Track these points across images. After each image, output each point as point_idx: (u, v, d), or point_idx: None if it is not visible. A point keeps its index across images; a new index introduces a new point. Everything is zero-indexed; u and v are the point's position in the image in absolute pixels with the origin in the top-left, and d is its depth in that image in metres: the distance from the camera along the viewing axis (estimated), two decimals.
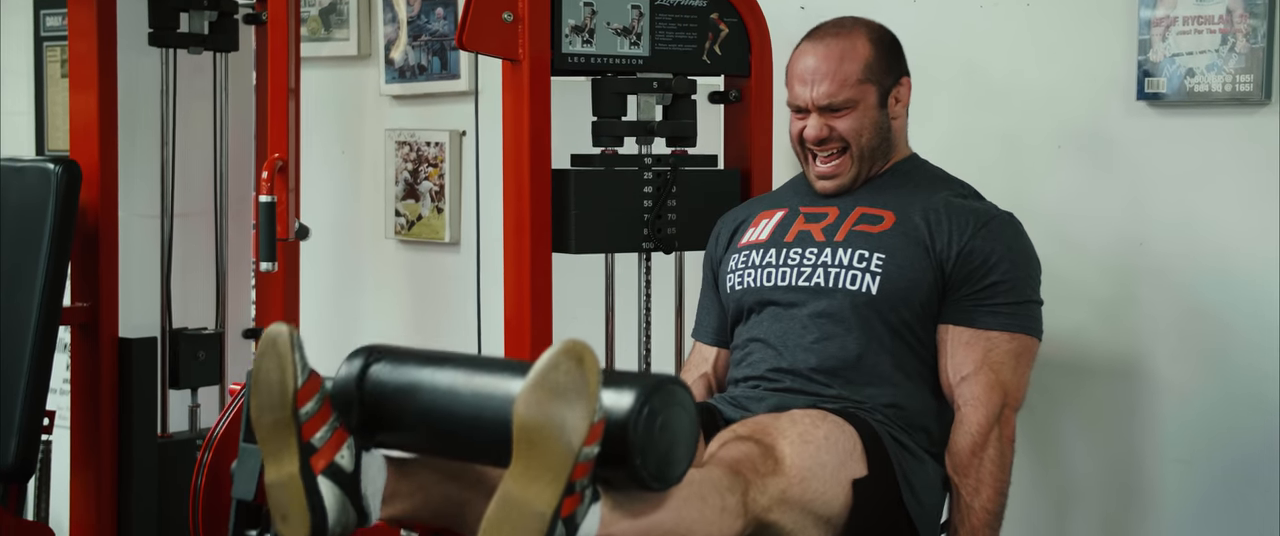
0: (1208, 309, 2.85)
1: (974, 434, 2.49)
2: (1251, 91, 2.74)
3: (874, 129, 2.64)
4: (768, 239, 2.68)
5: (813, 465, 2.35)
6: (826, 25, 2.70)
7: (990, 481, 2.49)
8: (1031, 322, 2.55)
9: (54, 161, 3.20)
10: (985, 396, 2.49)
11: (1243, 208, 2.80)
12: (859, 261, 2.56)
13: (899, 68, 2.69)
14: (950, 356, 2.53)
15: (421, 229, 3.86)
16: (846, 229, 2.61)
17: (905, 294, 2.53)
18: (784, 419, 2.41)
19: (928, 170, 2.73)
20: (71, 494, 3.39)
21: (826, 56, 2.63)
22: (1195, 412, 2.87)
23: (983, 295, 2.52)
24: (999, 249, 2.54)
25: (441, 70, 3.78)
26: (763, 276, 2.64)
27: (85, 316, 3.32)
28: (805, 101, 2.64)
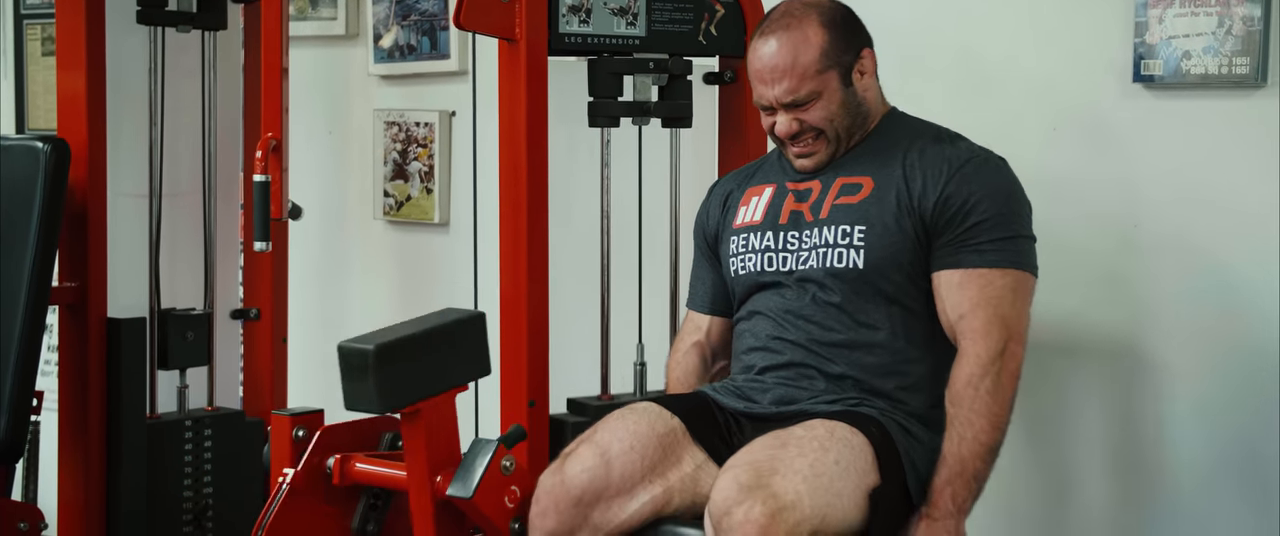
0: (1204, 290, 2.86)
1: (973, 366, 2.47)
2: (1248, 74, 2.75)
3: (844, 110, 2.62)
4: (762, 220, 2.67)
5: (829, 498, 2.35)
6: (775, 18, 2.63)
7: (985, 412, 2.46)
8: (1022, 257, 2.53)
9: (42, 140, 3.18)
10: (985, 329, 2.47)
11: (1239, 190, 2.81)
12: (842, 237, 2.56)
13: (857, 41, 2.64)
14: (946, 300, 2.52)
15: (411, 210, 3.85)
16: (829, 204, 2.60)
17: (891, 259, 2.53)
18: (792, 448, 2.38)
19: (907, 124, 2.70)
20: (60, 475, 3.37)
21: (780, 53, 2.58)
22: (1192, 392, 2.89)
23: (967, 236, 2.51)
24: (977, 189, 2.52)
25: (431, 50, 3.77)
26: (763, 261, 2.65)
27: (73, 296, 3.29)
28: (769, 100, 2.61)
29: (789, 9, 2.62)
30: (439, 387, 2.56)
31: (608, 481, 2.49)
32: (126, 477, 3.35)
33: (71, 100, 3.29)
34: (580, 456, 2.52)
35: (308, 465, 2.66)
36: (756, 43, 2.62)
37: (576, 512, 2.49)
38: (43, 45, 4.37)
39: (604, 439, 2.53)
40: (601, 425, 2.59)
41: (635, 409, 2.62)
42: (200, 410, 3.56)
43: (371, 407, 2.52)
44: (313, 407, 2.73)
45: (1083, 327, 2.99)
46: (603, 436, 2.54)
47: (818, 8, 2.61)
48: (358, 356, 2.47)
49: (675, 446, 2.56)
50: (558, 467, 2.53)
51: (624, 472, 2.50)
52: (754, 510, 2.28)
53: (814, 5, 2.62)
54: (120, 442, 3.34)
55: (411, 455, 2.56)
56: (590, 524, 2.50)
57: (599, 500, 2.49)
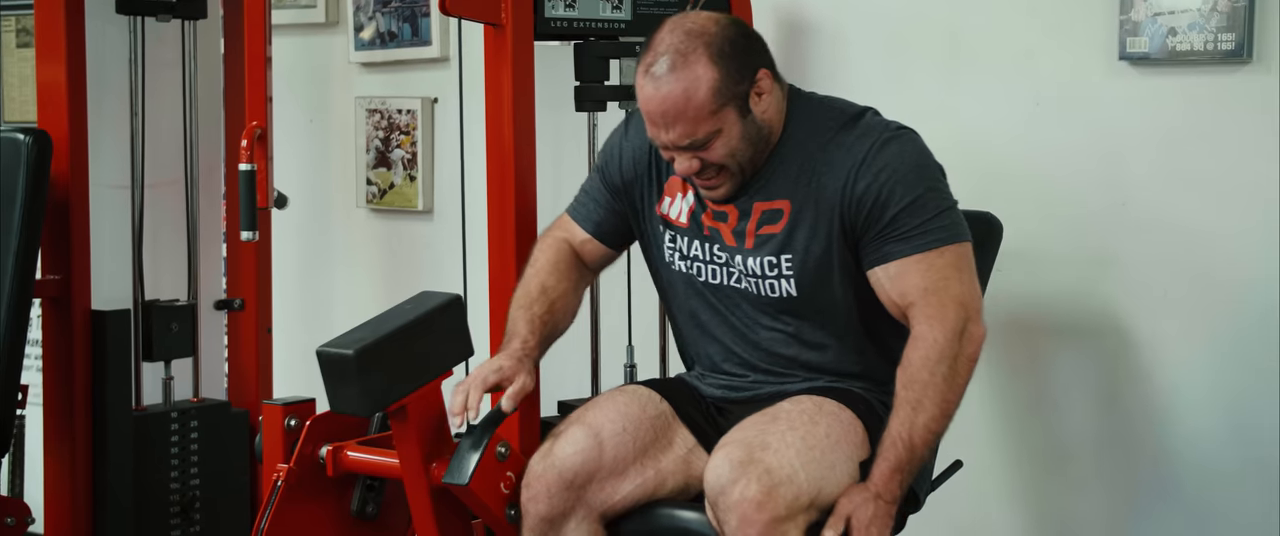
0: (1191, 267, 2.87)
1: (930, 349, 2.35)
2: (1233, 49, 2.75)
3: (745, 142, 2.42)
4: (687, 225, 2.55)
5: (823, 470, 2.34)
6: (660, 53, 2.38)
7: (939, 399, 2.35)
8: (952, 229, 2.40)
9: (23, 132, 3.16)
10: (940, 314, 2.36)
11: (1226, 166, 2.82)
12: (770, 268, 2.46)
13: (751, 64, 2.41)
14: (890, 292, 2.40)
15: (394, 197, 3.84)
16: (752, 234, 2.47)
17: (822, 282, 2.44)
18: (782, 422, 2.37)
19: (808, 119, 2.49)
20: (45, 469, 3.36)
21: (671, 97, 2.36)
22: (1181, 369, 2.90)
23: (890, 229, 2.38)
24: (886, 179, 2.38)
25: (412, 37, 3.75)
26: (695, 268, 2.55)
27: (57, 289, 3.28)
28: (665, 143, 2.42)
29: (675, 44, 2.38)
30: (423, 379, 2.54)
31: (600, 462, 2.47)
32: (113, 470, 3.34)
33: (52, 91, 3.28)
34: (571, 437, 2.49)
35: (301, 456, 2.64)
36: (643, 81, 2.39)
37: (568, 495, 2.47)
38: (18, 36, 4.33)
39: (596, 419, 2.51)
40: (591, 406, 2.57)
41: (624, 390, 2.60)
42: (186, 401, 3.56)
43: (358, 410, 2.51)
44: (303, 397, 2.71)
45: (1070, 306, 3.00)
46: (594, 417, 2.52)
47: (705, 39, 2.38)
48: (339, 361, 2.45)
49: (666, 428, 2.55)
50: (548, 450, 2.50)
51: (617, 454, 2.48)
52: (750, 488, 2.27)
53: (700, 35, 2.38)
54: (106, 435, 3.33)
55: (403, 447, 2.54)
56: (583, 504, 2.48)
57: (591, 480, 2.47)
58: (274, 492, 2.63)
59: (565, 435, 2.50)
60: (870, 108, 2.50)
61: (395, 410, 2.51)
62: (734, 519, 2.28)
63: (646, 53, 2.41)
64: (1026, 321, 3.03)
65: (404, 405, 2.50)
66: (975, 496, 3.02)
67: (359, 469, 2.66)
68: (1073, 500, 3.04)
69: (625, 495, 2.50)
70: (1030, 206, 2.96)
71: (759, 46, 2.46)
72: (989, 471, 3.09)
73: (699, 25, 2.40)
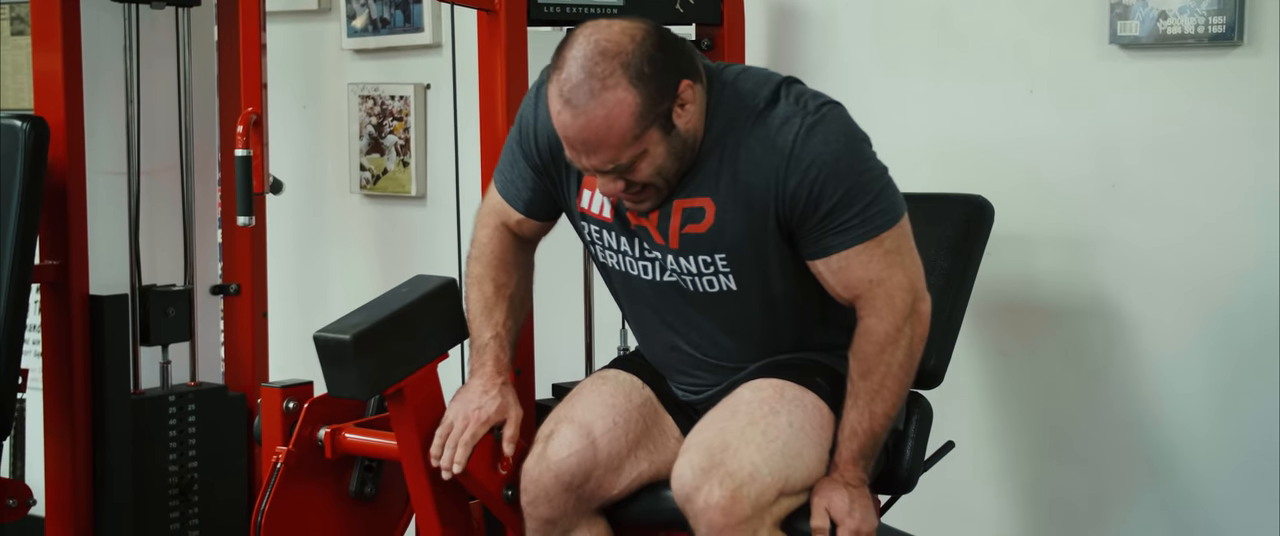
0: (1181, 249, 2.88)
1: (881, 336, 2.31)
2: (1223, 33, 2.76)
3: (671, 157, 2.28)
4: (612, 220, 2.42)
5: (787, 460, 2.32)
6: (573, 76, 2.20)
7: (896, 385, 2.34)
8: (889, 212, 2.30)
9: (20, 118, 3.14)
10: (888, 303, 2.30)
11: (1216, 149, 2.82)
12: (706, 267, 2.38)
13: (672, 81, 2.24)
14: (834, 283, 2.33)
15: (387, 183, 3.83)
16: (675, 232, 2.36)
17: (760, 272, 2.36)
18: (742, 417, 2.33)
19: (726, 111, 2.32)
20: (46, 452, 3.35)
21: (590, 128, 2.21)
22: (1171, 350, 2.91)
23: (827, 222, 2.28)
24: (815, 175, 2.25)
25: (405, 23, 3.74)
26: (627, 263, 2.46)
27: (55, 274, 3.27)
28: (586, 167, 2.28)
29: (588, 67, 2.19)
30: (420, 362, 2.54)
31: (595, 461, 2.44)
32: (112, 453, 3.33)
33: (48, 79, 3.26)
34: (563, 438, 2.45)
35: (299, 438, 2.65)
36: (558, 106, 2.22)
37: (567, 497, 2.45)
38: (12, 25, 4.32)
39: (585, 417, 2.47)
40: (578, 400, 2.52)
41: (607, 378, 2.56)
42: (183, 385, 3.54)
43: (356, 394, 2.52)
44: (301, 380, 2.71)
45: (1060, 288, 3.00)
46: (582, 414, 2.47)
47: (621, 60, 2.19)
48: (336, 346, 2.46)
49: (654, 415, 2.53)
50: (541, 454, 2.45)
51: (611, 450, 2.45)
52: (714, 493, 2.25)
53: (616, 55, 2.20)
54: (105, 419, 3.32)
55: (401, 430, 2.55)
56: (583, 502, 2.47)
57: (588, 479, 2.44)
58: (274, 474, 2.64)
59: (557, 436, 2.46)
60: (784, 81, 2.34)
61: (392, 393, 2.51)
62: (702, 525, 2.28)
63: (558, 69, 2.23)
64: (1017, 303, 3.03)
65: (401, 388, 2.51)
66: (965, 475, 3.04)
67: (357, 450, 2.67)
68: (1062, 480, 3.06)
69: (624, 487, 2.48)
70: (1021, 189, 2.96)
71: (679, 55, 2.27)
72: (979, 451, 3.10)
73: (615, 43, 2.21)
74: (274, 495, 2.63)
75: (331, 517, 2.72)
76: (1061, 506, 3.06)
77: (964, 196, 2.77)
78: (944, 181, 2.96)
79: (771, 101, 2.30)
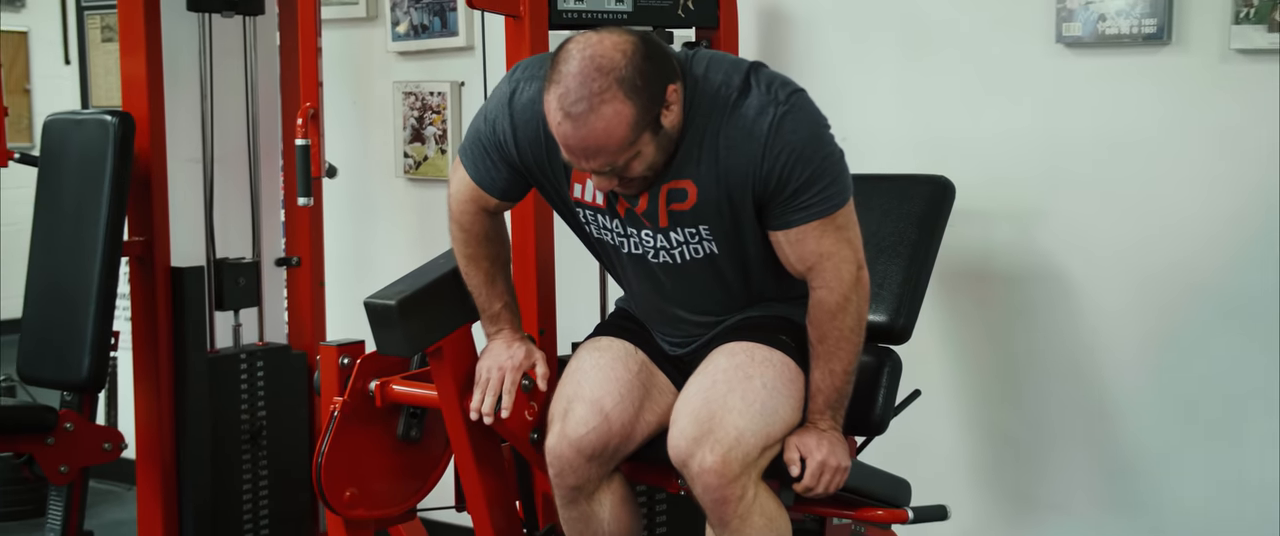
0: (1117, 221, 2.86)
1: (833, 307, 2.30)
2: (1155, 33, 2.75)
3: (661, 153, 2.23)
4: (604, 205, 2.37)
5: (766, 417, 2.30)
6: (573, 91, 2.13)
7: (848, 346, 2.32)
8: (841, 193, 2.28)
9: (110, 114, 3.18)
10: (836, 274, 2.28)
11: (1147, 134, 2.81)
12: (691, 237, 2.34)
13: (660, 90, 2.18)
14: (789, 253, 2.31)
15: (427, 168, 3.82)
16: (663, 211, 2.32)
17: (737, 239, 2.33)
18: (721, 385, 2.30)
19: (703, 105, 2.26)
20: (135, 403, 3.37)
21: (591, 137, 2.15)
22: (1108, 308, 2.90)
23: (791, 201, 2.25)
24: (786, 159, 2.22)
25: (442, 29, 3.72)
26: (619, 240, 2.41)
27: (141, 249, 3.30)
28: (584, 169, 2.23)
29: (585, 83, 2.13)
30: (456, 324, 2.53)
31: (610, 432, 2.40)
32: (191, 404, 3.34)
33: (134, 80, 3.27)
34: (580, 417, 2.40)
35: (353, 390, 2.66)
36: (559, 118, 2.15)
37: (589, 466, 2.41)
38: (102, 33, 4.31)
39: (595, 394, 2.41)
40: (584, 378, 2.45)
41: (603, 349, 2.50)
42: (252, 345, 3.55)
43: (401, 352, 2.52)
44: (353, 339, 2.70)
45: (1013, 255, 2.99)
46: (591, 391, 2.42)
47: (615, 75, 2.13)
48: (383, 310, 2.45)
49: (650, 376, 2.49)
50: (561, 431, 2.41)
51: (622, 420, 2.40)
52: (706, 459, 2.24)
53: (610, 71, 2.13)
54: (185, 374, 3.33)
55: (441, 383, 2.54)
56: (604, 466, 2.44)
57: (605, 448, 2.41)
58: (331, 421, 2.65)
59: (573, 414, 2.41)
60: (750, 67, 2.28)
61: (433, 350, 2.51)
62: (699, 486, 2.27)
63: (556, 83, 2.15)
64: (975, 269, 3.03)
65: (440, 346, 2.50)
66: (930, 419, 3.04)
67: (403, 400, 2.67)
68: (1011, 421, 3.05)
69: (635, 444, 2.45)
70: (979, 170, 2.96)
71: (662, 61, 2.20)
72: (941, 398, 3.10)
73: (608, 59, 2.13)
74: (332, 439, 2.64)
75: (381, 458, 2.72)
76: (1011, 444, 3.06)
77: (929, 177, 2.76)
78: (911, 164, 2.96)
79: (743, 90, 2.25)
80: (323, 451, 2.63)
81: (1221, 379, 2.77)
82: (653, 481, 2.58)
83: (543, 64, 2.28)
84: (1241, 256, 2.71)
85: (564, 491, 2.44)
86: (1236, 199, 2.71)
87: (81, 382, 3.09)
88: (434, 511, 2.95)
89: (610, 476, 2.45)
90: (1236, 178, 2.70)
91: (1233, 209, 2.72)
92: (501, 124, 2.37)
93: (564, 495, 2.45)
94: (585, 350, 2.52)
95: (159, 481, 3.33)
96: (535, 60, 2.39)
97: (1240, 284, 2.72)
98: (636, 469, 2.52)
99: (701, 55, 2.32)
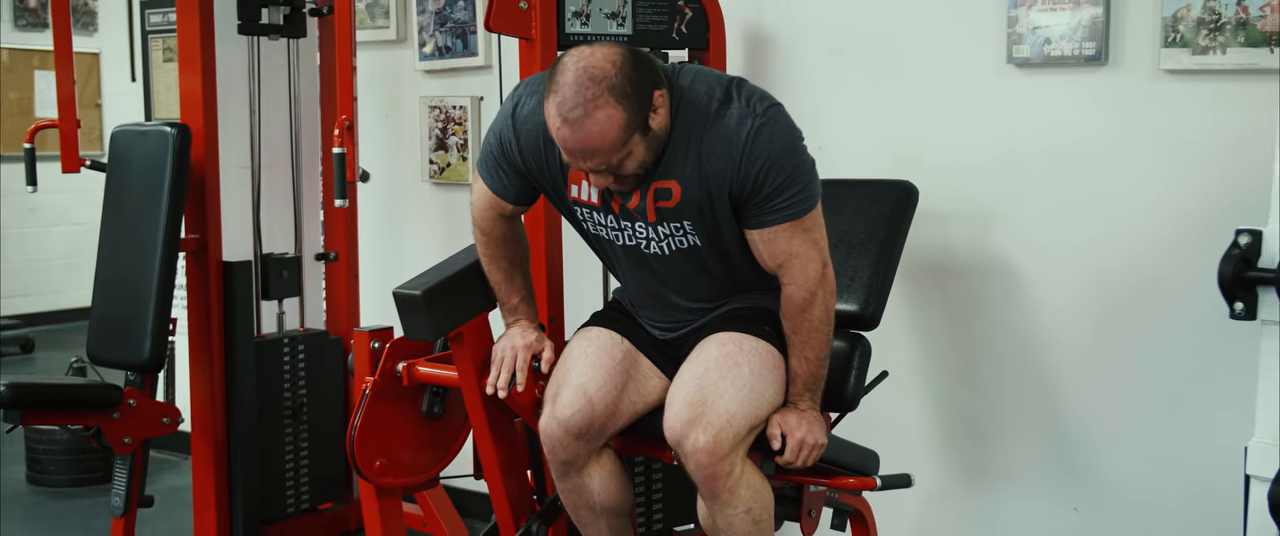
0: (1063, 220, 2.87)
1: (802, 301, 2.32)
2: (1094, 55, 2.76)
3: (650, 152, 2.24)
4: (599, 204, 2.37)
5: (754, 400, 2.31)
6: (568, 98, 2.15)
7: (818, 337, 2.33)
8: (811, 198, 2.29)
9: (169, 126, 3.16)
10: (803, 272, 2.30)
11: (1089, 141, 2.82)
12: (676, 230, 2.34)
13: (647, 94, 2.19)
14: (762, 251, 2.32)
15: (450, 174, 3.84)
16: (651, 208, 2.32)
17: (716, 233, 2.34)
18: (713, 372, 2.31)
19: (687, 109, 2.27)
20: (190, 381, 3.38)
21: (587, 140, 2.16)
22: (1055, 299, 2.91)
23: (765, 204, 2.26)
24: (762, 165, 2.22)
25: (463, 50, 3.74)
26: (614, 234, 2.41)
27: (196, 245, 3.29)
28: (582, 168, 2.25)
29: (580, 91, 2.14)
30: (474, 312, 2.55)
31: (593, 413, 2.41)
32: (240, 382, 3.34)
33: (190, 95, 3.26)
34: (567, 400, 2.41)
35: (383, 371, 2.66)
36: (557, 123, 2.17)
37: (576, 443, 2.43)
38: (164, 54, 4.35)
39: (581, 380, 2.42)
40: (573, 366, 2.46)
41: (591, 339, 2.49)
42: (294, 331, 3.56)
43: (426, 336, 2.52)
44: (383, 325, 2.73)
45: (971, 251, 2.99)
46: (577, 378, 2.42)
47: (606, 83, 2.14)
48: (410, 299, 2.46)
49: (634, 362, 2.48)
50: (551, 412, 2.42)
51: (604, 402, 2.42)
52: (700, 439, 2.26)
53: (602, 80, 2.14)
54: (235, 356, 3.33)
55: (461, 364, 2.57)
56: (591, 443, 2.44)
57: (591, 427, 2.42)
58: (364, 399, 2.66)
59: (561, 398, 2.42)
60: (732, 82, 2.29)
61: (454, 335, 2.53)
62: (692, 463, 2.28)
63: (554, 92, 2.17)
64: (937, 264, 3.03)
65: (461, 331, 2.52)
66: (896, 397, 3.03)
67: (428, 380, 2.68)
68: (969, 400, 3.06)
69: (619, 424, 2.46)
70: (940, 176, 2.95)
71: (649, 70, 2.21)
72: (908, 378, 3.10)
73: (600, 69, 2.15)
74: (364, 415, 2.65)
75: (408, 432, 2.74)
76: (968, 420, 3.07)
77: (896, 181, 2.76)
78: (880, 169, 2.96)
79: (725, 101, 2.26)
80: (355, 425, 2.64)
81: (1153, 363, 2.78)
82: (649, 453, 2.59)
83: (540, 81, 2.33)
84: (1174, 254, 2.72)
85: (557, 465, 2.46)
86: (1169, 202, 2.72)
87: (143, 364, 3.09)
88: (455, 479, 2.98)
89: (600, 452, 2.46)
90: (1168, 183, 2.71)
91: (1166, 210, 2.72)
92: (507, 136, 2.40)
93: (557, 469, 2.47)
94: (576, 340, 2.53)
95: (211, 452, 3.33)
96: (533, 79, 2.43)
97: (1172, 278, 2.72)
98: (634, 442, 2.54)
99: (687, 68, 2.35)
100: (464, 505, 3.55)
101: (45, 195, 5.94)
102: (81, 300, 3.48)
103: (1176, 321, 2.74)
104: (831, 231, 2.42)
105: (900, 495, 2.70)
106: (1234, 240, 2.04)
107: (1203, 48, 2.62)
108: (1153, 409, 2.80)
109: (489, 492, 2.68)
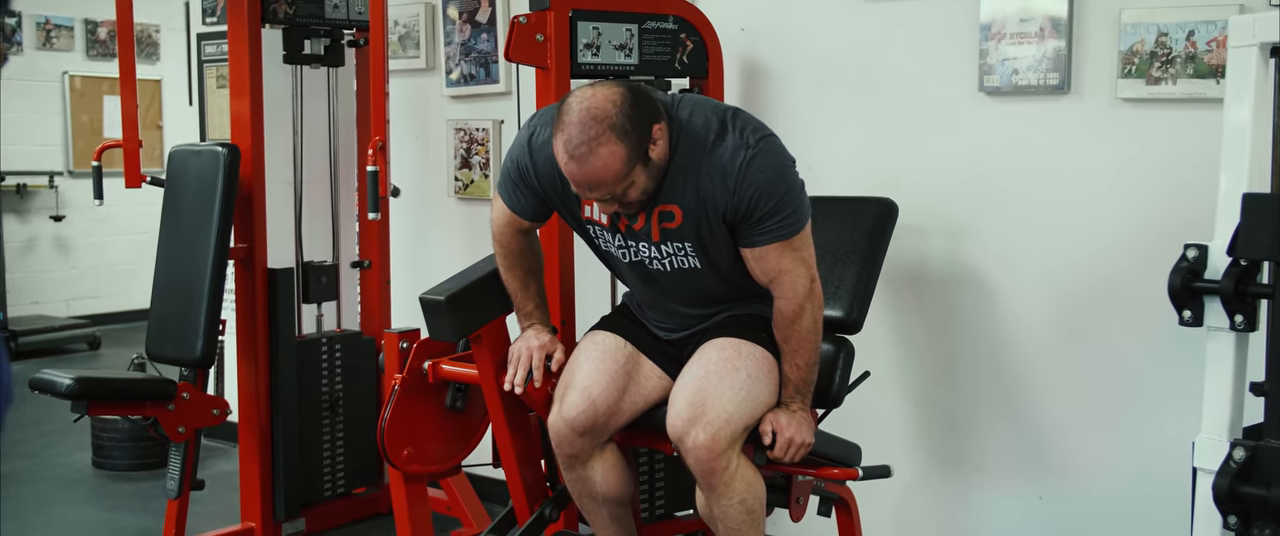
0: (1030, 234, 2.86)
1: (793, 313, 2.31)
2: (1058, 84, 2.76)
3: (651, 180, 2.24)
4: (608, 224, 2.37)
5: (750, 402, 2.31)
6: (574, 137, 2.14)
7: (807, 345, 2.32)
8: (801, 220, 2.28)
9: (221, 146, 3.18)
10: (792, 287, 2.30)
11: (1053, 163, 2.81)
12: (677, 250, 2.34)
13: (647, 130, 2.18)
14: (756, 269, 2.32)
15: (473, 190, 3.84)
16: (656, 228, 2.32)
17: (717, 252, 2.34)
18: (713, 375, 2.30)
19: (686, 139, 2.26)
20: (238, 377, 3.39)
21: (592, 173, 2.16)
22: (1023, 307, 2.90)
23: (758, 225, 2.26)
24: (754, 191, 2.22)
25: (486, 78, 3.75)
26: (622, 252, 2.41)
27: (244, 253, 3.30)
28: (588, 198, 2.26)
29: (584, 130, 2.13)
30: (494, 315, 2.56)
31: (596, 413, 2.41)
32: (282, 379, 3.35)
33: (240, 118, 3.28)
34: (572, 401, 2.41)
35: (410, 369, 2.68)
36: (564, 158, 2.16)
37: (581, 440, 2.43)
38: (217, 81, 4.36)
39: (585, 382, 2.42)
40: (578, 368, 2.45)
41: (597, 343, 2.49)
42: (331, 332, 3.57)
43: (449, 338, 2.54)
44: (411, 328, 2.74)
45: (946, 262, 2.99)
46: (583, 380, 2.42)
47: (607, 123, 2.14)
48: (435, 304, 2.48)
49: (636, 366, 2.48)
50: (558, 411, 2.42)
51: (607, 402, 2.42)
52: (699, 437, 2.26)
53: (603, 119, 2.13)
54: (278, 354, 3.35)
55: (481, 363, 2.58)
56: (595, 439, 2.45)
57: (594, 425, 2.42)
58: (393, 394, 2.67)
59: (566, 398, 2.42)
60: (728, 113, 2.28)
61: (475, 337, 2.53)
62: (691, 458, 2.28)
63: (561, 131, 2.16)
64: (915, 274, 3.03)
65: (481, 333, 2.53)
66: (877, 395, 3.04)
67: (451, 377, 2.69)
68: (944, 398, 3.05)
69: (621, 422, 2.46)
70: (918, 194, 2.95)
71: (647, 106, 2.19)
72: (889, 378, 3.10)
73: (601, 109, 2.15)
74: (393, 408, 2.66)
75: (433, 425, 2.74)
76: (943, 416, 3.05)
77: (878, 199, 2.76)
78: (863, 187, 2.96)
79: (721, 133, 2.25)
80: (386, 418, 2.65)
81: (1114, 365, 2.77)
82: (651, 445, 2.59)
83: (553, 113, 2.32)
84: (1130, 266, 2.71)
85: (563, 458, 2.46)
86: (1125, 218, 2.71)
87: (195, 360, 3.10)
88: (476, 467, 2.98)
89: (603, 447, 2.46)
90: (1124, 201, 2.71)
91: (1122, 226, 2.72)
92: (524, 161, 2.41)
93: (564, 461, 2.47)
94: (583, 344, 2.53)
95: (257, 441, 3.34)
96: (547, 111, 2.43)
97: (1132, 287, 2.71)
98: (638, 436, 2.54)
99: (686, 100, 2.34)
100: (484, 490, 3.55)
101: (111, 207, 5.98)
102: (143, 302, 3.49)
103: (1132, 327, 2.73)
104: (819, 243, 2.41)
105: (881, 484, 2.70)
106: (1183, 254, 2.04)
107: (1156, 78, 2.61)
108: (1110, 406, 2.79)
109: (506, 479, 2.68)
